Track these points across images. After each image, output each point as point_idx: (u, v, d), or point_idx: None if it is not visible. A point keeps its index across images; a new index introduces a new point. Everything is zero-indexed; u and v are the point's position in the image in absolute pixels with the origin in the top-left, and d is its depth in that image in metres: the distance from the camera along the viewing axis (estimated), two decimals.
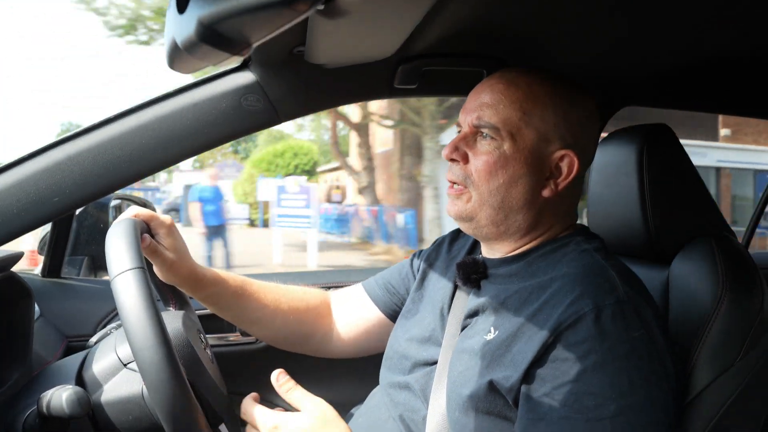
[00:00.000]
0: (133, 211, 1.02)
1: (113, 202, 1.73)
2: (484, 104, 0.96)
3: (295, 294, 1.26)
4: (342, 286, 1.68)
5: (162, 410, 0.75)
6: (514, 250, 1.00)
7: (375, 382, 1.15)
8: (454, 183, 0.99)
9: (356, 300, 1.29)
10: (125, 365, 0.93)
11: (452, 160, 0.98)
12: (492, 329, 0.91)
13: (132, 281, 0.79)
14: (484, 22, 1.06)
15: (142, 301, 0.77)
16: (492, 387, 0.86)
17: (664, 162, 1.06)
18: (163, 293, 1.15)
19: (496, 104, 0.95)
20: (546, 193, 0.96)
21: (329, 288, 1.69)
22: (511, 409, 0.86)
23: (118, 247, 0.83)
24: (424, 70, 1.19)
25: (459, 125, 1.01)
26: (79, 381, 0.93)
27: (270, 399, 1.66)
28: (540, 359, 0.82)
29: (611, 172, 1.12)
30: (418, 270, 1.20)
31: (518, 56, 1.21)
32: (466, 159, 0.97)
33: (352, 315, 1.28)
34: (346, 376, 1.62)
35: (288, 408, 0.93)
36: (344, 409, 1.21)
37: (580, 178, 1.00)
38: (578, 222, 1.05)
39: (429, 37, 1.07)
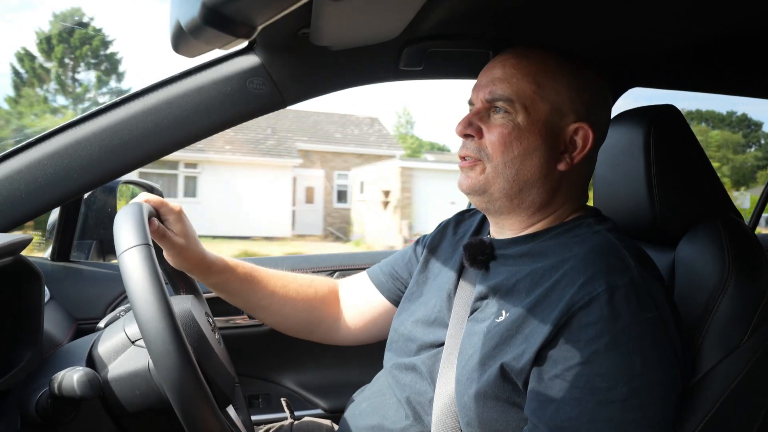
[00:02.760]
0: (143, 197, 1.03)
1: (121, 187, 1.74)
2: (496, 79, 0.96)
3: (304, 281, 1.26)
4: (348, 269, 1.69)
5: (167, 381, 0.75)
6: (525, 229, 1.00)
7: (380, 365, 1.16)
8: (466, 157, 0.98)
9: (362, 288, 1.29)
10: (133, 342, 0.94)
11: (466, 135, 0.98)
12: (503, 312, 0.91)
13: (138, 256, 0.79)
14: (489, 4, 1.05)
15: (147, 275, 0.78)
16: (502, 372, 0.86)
17: (671, 143, 1.05)
18: (172, 279, 1.16)
19: (509, 78, 0.95)
20: (561, 166, 0.95)
21: (336, 271, 1.70)
22: (520, 394, 0.86)
23: (126, 226, 0.84)
24: (430, 52, 1.18)
25: (471, 103, 1.01)
26: (90, 362, 0.95)
27: (277, 381, 1.68)
28: (552, 340, 0.82)
29: (617, 154, 1.11)
30: (422, 253, 1.20)
31: (524, 37, 1.20)
32: (480, 133, 0.96)
33: (358, 303, 1.28)
34: (350, 359, 1.64)
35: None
36: (348, 393, 1.22)
37: (594, 154, 1.00)
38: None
39: (434, 19, 1.06)
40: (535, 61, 0.95)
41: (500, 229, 1.03)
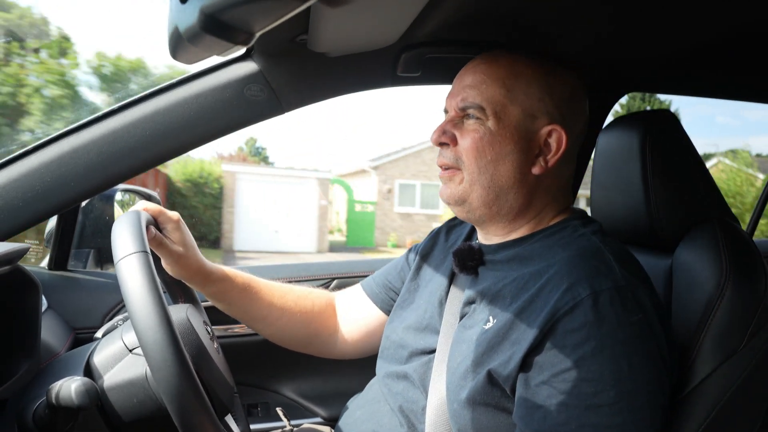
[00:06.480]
0: (141, 205, 1.03)
1: (118, 195, 1.73)
2: (467, 86, 0.97)
3: (302, 293, 1.26)
4: (347, 277, 1.69)
5: (165, 389, 0.75)
6: (508, 234, 1.00)
7: (374, 372, 1.15)
8: (446, 167, 0.99)
9: (357, 300, 1.29)
10: (130, 351, 0.94)
11: (441, 144, 0.99)
12: (490, 318, 0.91)
13: (136, 264, 0.79)
14: (486, 9, 1.06)
15: (145, 282, 0.78)
16: (490, 378, 0.86)
17: (667, 148, 1.05)
18: (171, 288, 1.16)
19: (479, 84, 0.96)
20: (536, 170, 0.96)
21: (334, 279, 1.70)
22: (509, 399, 0.86)
23: (123, 234, 0.84)
24: (427, 58, 1.19)
25: (446, 111, 1.02)
26: (87, 372, 0.94)
27: (276, 389, 1.68)
28: (538, 346, 0.82)
29: (614, 159, 1.12)
30: (414, 261, 1.20)
31: (520, 42, 1.20)
32: (454, 141, 0.97)
33: (354, 316, 1.28)
34: (348, 368, 1.63)
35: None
36: (343, 400, 1.22)
37: (571, 155, 1.00)
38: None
39: (431, 25, 1.06)
40: (504, 66, 0.96)
41: (486, 235, 1.04)
